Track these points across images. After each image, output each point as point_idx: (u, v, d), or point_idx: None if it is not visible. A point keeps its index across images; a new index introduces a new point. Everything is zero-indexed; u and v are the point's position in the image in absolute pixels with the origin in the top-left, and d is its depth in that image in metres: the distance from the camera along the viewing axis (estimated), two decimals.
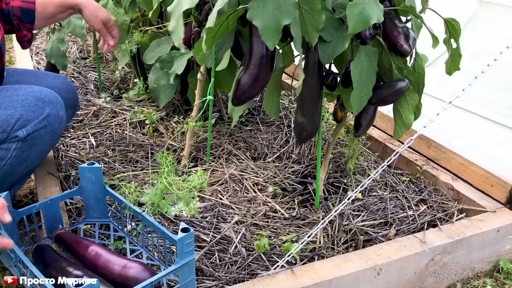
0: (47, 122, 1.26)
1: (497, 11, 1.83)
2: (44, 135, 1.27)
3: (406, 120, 1.30)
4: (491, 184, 1.48)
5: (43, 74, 1.62)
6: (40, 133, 1.26)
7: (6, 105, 1.22)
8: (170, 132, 1.88)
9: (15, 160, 1.25)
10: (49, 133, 1.28)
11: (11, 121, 1.20)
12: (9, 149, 1.23)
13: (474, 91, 1.34)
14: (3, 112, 1.20)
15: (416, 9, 1.30)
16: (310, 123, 1.33)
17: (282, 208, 1.44)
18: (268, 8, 0.99)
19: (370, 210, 1.45)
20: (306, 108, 1.31)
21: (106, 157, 1.68)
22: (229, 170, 1.61)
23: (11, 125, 1.20)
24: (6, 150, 1.23)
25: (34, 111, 1.23)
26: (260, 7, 1.00)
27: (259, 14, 1.00)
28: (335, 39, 1.21)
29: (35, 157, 1.31)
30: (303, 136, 1.36)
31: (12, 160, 1.24)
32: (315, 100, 1.30)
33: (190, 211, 1.09)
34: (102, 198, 1.34)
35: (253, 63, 1.21)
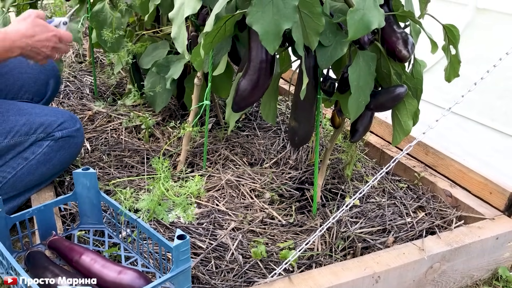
0: (76, 134, 1.46)
1: (494, 17, 1.84)
2: (71, 144, 1.45)
3: (405, 126, 1.29)
4: (489, 191, 1.48)
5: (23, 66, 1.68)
6: (70, 141, 1.45)
7: (51, 113, 1.43)
8: (166, 137, 1.86)
9: (43, 157, 1.41)
10: (74, 144, 1.47)
11: (54, 125, 1.41)
12: (41, 145, 1.40)
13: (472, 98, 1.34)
14: (48, 118, 1.41)
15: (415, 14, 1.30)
16: (303, 128, 1.32)
17: (279, 215, 1.43)
18: (268, 13, 0.98)
19: (368, 217, 1.44)
20: (299, 113, 1.30)
21: (101, 162, 1.66)
22: (225, 176, 1.59)
23: (53, 127, 1.41)
24: (39, 147, 1.40)
25: (70, 123, 1.45)
26: (260, 12, 0.98)
27: (259, 19, 0.98)
28: (333, 44, 1.21)
29: (57, 163, 1.45)
30: (296, 141, 1.35)
31: (40, 156, 1.40)
32: (309, 105, 1.29)
33: (188, 218, 1.07)
34: (96, 204, 1.32)
35: (252, 69, 1.19)
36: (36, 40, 1.27)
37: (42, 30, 1.28)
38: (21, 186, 1.40)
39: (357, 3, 0.99)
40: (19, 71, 1.52)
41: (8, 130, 1.35)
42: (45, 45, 1.29)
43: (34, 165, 1.40)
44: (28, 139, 1.38)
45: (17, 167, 1.38)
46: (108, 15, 1.90)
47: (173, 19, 1.13)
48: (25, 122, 1.37)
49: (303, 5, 1.09)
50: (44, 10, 3.09)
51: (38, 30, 1.27)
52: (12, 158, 1.38)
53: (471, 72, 1.66)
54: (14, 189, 1.39)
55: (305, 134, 1.32)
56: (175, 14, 1.13)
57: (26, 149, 1.39)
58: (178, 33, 1.13)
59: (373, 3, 1.01)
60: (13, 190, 1.39)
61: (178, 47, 1.14)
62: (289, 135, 1.35)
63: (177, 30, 1.12)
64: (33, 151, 1.40)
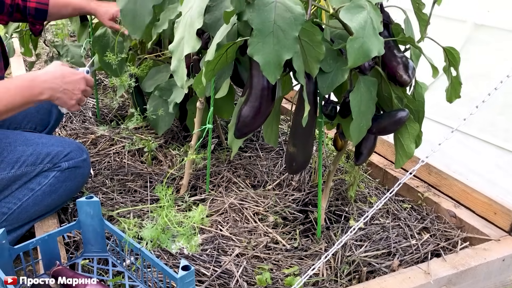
0: (82, 164, 1.45)
1: (492, 34, 1.84)
2: (77, 175, 1.45)
3: (407, 150, 1.29)
4: (494, 212, 1.47)
5: None
6: (76, 171, 1.44)
7: (57, 143, 1.43)
8: (169, 159, 1.86)
9: (49, 188, 1.40)
10: (80, 174, 1.46)
11: (60, 156, 1.41)
12: (48, 176, 1.40)
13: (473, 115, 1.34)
14: (55, 148, 1.41)
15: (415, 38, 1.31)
16: (301, 154, 1.31)
17: (284, 239, 1.42)
18: (268, 44, 0.99)
19: (372, 240, 1.43)
20: (298, 139, 1.30)
21: (104, 187, 1.67)
22: (229, 199, 1.59)
23: (60, 158, 1.41)
24: (45, 177, 1.40)
25: (77, 153, 1.45)
26: (260, 42, 0.99)
27: (260, 49, 0.99)
28: (334, 70, 1.21)
29: (63, 193, 1.45)
30: (294, 168, 1.34)
31: (46, 187, 1.40)
32: (308, 131, 1.29)
33: (192, 249, 1.07)
34: (100, 232, 1.31)
35: (254, 96, 1.20)
36: (67, 82, 1.28)
37: (71, 73, 1.31)
38: (26, 217, 1.41)
39: (356, 31, 0.99)
40: None
41: (15, 160, 1.35)
42: (77, 87, 1.30)
43: (39, 196, 1.40)
44: (34, 169, 1.38)
45: (22, 198, 1.38)
46: (110, 40, 1.92)
47: (172, 51, 1.14)
48: (32, 152, 1.38)
49: (303, 33, 1.10)
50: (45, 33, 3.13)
51: (67, 73, 1.30)
52: (18, 189, 1.38)
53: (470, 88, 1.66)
54: (19, 220, 1.40)
55: (303, 160, 1.32)
56: (175, 47, 1.13)
57: (32, 180, 1.39)
58: (177, 67, 1.13)
59: (373, 31, 1.02)
60: (18, 221, 1.39)
61: (177, 80, 1.14)
62: (286, 160, 1.35)
63: (177, 64, 1.13)
64: (39, 181, 1.40)
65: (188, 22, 1.07)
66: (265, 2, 1.00)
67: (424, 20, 1.32)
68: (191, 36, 1.06)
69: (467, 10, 1.90)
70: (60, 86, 1.27)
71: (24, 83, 1.23)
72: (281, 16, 0.99)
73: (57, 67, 1.30)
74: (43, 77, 1.25)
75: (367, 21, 1.00)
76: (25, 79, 1.25)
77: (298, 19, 0.98)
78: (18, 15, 1.67)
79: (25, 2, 1.64)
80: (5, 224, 1.38)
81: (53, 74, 1.27)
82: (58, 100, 1.29)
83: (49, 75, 1.26)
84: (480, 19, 1.86)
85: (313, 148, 1.32)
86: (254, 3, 0.98)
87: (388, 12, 1.27)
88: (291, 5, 0.99)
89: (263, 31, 0.99)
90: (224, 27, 1.19)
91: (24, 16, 1.67)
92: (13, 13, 1.65)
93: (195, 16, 1.05)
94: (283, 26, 0.99)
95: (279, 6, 1.00)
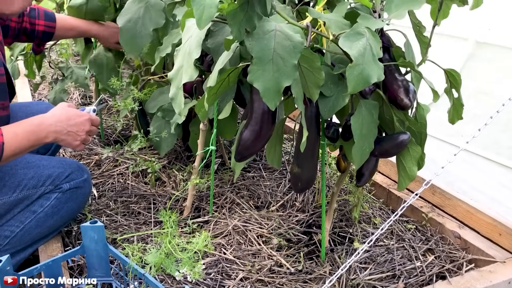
0: (83, 184, 1.47)
1: (494, 51, 1.85)
2: (78, 195, 1.47)
3: (410, 172, 1.29)
4: (499, 233, 1.46)
5: (27, 103, 1.76)
6: (77, 191, 1.46)
7: (58, 165, 1.44)
8: (172, 180, 1.87)
9: (51, 210, 1.41)
10: (82, 194, 1.48)
11: (61, 177, 1.42)
12: (49, 198, 1.42)
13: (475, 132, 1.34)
14: (56, 170, 1.42)
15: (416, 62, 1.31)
16: (306, 174, 1.32)
17: (288, 262, 1.42)
18: (268, 71, 1.00)
19: (377, 262, 1.42)
20: (302, 160, 1.31)
21: (108, 210, 1.67)
22: (232, 221, 1.59)
23: (61, 179, 1.42)
24: (47, 199, 1.41)
25: (78, 173, 1.46)
26: (260, 70, 1.00)
27: (260, 77, 1.00)
28: (335, 94, 1.22)
29: (65, 214, 1.46)
30: (299, 187, 1.35)
31: (48, 209, 1.41)
32: (311, 152, 1.30)
33: (195, 275, 1.07)
34: (104, 257, 1.32)
35: (254, 119, 1.21)
36: (72, 124, 1.33)
37: (76, 115, 1.35)
38: (28, 239, 1.41)
39: (355, 58, 1.00)
40: None
41: (17, 184, 1.37)
42: (81, 129, 1.35)
43: (42, 218, 1.41)
44: (36, 192, 1.39)
45: (25, 221, 1.39)
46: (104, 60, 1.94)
47: (171, 79, 1.15)
48: (33, 175, 1.39)
49: (303, 60, 1.11)
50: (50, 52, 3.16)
51: (72, 115, 1.34)
52: (20, 212, 1.39)
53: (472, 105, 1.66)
54: (22, 243, 1.40)
55: (308, 180, 1.32)
56: (174, 75, 1.15)
57: (34, 202, 1.40)
58: (176, 94, 1.14)
59: (372, 58, 1.02)
60: (21, 243, 1.40)
61: (175, 107, 1.15)
62: (292, 180, 1.36)
63: (175, 91, 1.14)
64: (41, 204, 1.41)
65: (187, 51, 1.09)
66: (265, 31, 1.01)
67: (425, 42, 1.33)
68: (189, 66, 1.08)
69: (469, 28, 1.91)
70: (65, 129, 1.31)
71: (31, 128, 1.27)
72: (281, 44, 1.00)
73: (63, 109, 1.34)
74: (49, 121, 1.30)
75: (366, 48, 1.01)
76: (32, 124, 1.28)
77: (297, 47, 0.99)
78: (24, 37, 1.71)
79: (33, 25, 1.68)
80: (8, 247, 1.39)
81: (59, 117, 1.31)
82: (62, 142, 1.34)
83: (54, 119, 1.31)
84: (481, 37, 1.86)
85: (317, 168, 1.32)
86: (254, 32, 1.00)
87: (389, 35, 1.28)
88: (290, 33, 1.00)
89: (263, 58, 1.00)
90: (226, 54, 1.20)
91: (31, 38, 1.72)
92: (19, 35, 1.69)
93: (193, 45, 1.06)
94: (283, 54, 1.00)
95: (278, 35, 1.01)
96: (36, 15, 1.68)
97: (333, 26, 1.12)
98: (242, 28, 1.00)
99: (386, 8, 1.17)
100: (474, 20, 1.89)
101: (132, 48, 1.48)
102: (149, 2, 1.53)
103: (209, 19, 0.92)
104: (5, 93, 1.32)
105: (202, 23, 0.93)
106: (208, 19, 0.92)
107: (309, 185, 1.36)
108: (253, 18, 0.99)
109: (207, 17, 0.92)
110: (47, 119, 1.30)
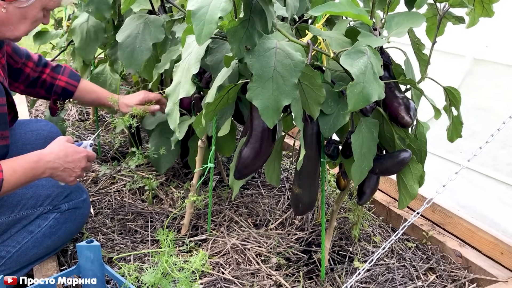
0: (82, 205, 1.46)
1: (491, 68, 1.86)
2: (77, 216, 1.45)
3: (411, 190, 1.28)
4: (500, 252, 1.44)
5: (26, 121, 1.68)
6: (76, 212, 1.45)
7: (57, 185, 1.41)
8: (170, 198, 1.85)
9: (48, 230, 1.40)
10: (80, 215, 1.46)
11: (60, 197, 1.41)
12: (47, 218, 1.40)
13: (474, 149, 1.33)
14: (55, 190, 1.41)
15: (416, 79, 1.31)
16: (307, 195, 1.31)
17: (287, 282, 1.39)
18: (267, 89, 0.99)
19: (378, 282, 1.40)
20: (303, 180, 1.29)
21: (104, 228, 1.65)
22: (230, 239, 1.57)
23: (60, 199, 1.41)
24: (45, 219, 1.40)
25: (77, 194, 1.45)
26: (260, 87, 0.99)
27: (259, 94, 0.99)
28: (335, 112, 1.21)
29: (62, 235, 1.44)
30: (300, 209, 1.33)
31: (46, 229, 1.39)
32: (313, 172, 1.28)
33: None
34: (100, 277, 1.29)
35: (254, 137, 1.20)
36: (69, 161, 1.32)
37: (74, 151, 1.34)
38: (25, 260, 1.38)
39: (356, 76, 0.99)
40: (22, 143, 1.52)
41: (15, 203, 1.34)
42: (77, 165, 1.34)
43: (39, 238, 1.38)
44: (34, 212, 1.37)
45: (22, 241, 1.36)
46: (108, 77, 1.93)
47: (169, 95, 1.14)
48: (32, 195, 1.37)
49: (304, 77, 1.11)
50: None
51: (70, 152, 1.33)
52: (17, 232, 1.36)
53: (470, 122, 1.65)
54: (18, 264, 1.37)
55: (309, 201, 1.31)
56: (172, 90, 1.14)
57: (32, 222, 1.38)
58: (172, 110, 1.14)
59: (373, 76, 1.02)
60: (17, 264, 1.37)
61: (170, 123, 1.14)
62: (292, 202, 1.34)
63: (171, 107, 1.13)
64: (38, 224, 1.39)
65: (185, 67, 1.08)
66: (266, 48, 1.00)
67: (424, 60, 1.33)
68: (187, 81, 1.07)
69: (466, 45, 1.92)
70: (62, 166, 1.31)
71: (29, 164, 1.26)
72: (281, 63, 1.00)
73: (62, 145, 1.33)
74: (47, 158, 1.29)
75: (367, 66, 1.00)
76: (30, 160, 1.27)
77: (298, 66, 0.99)
78: (42, 91, 1.62)
79: (55, 80, 1.60)
80: (4, 268, 1.36)
81: (57, 154, 1.30)
82: (57, 177, 1.33)
83: (53, 156, 1.30)
84: (479, 54, 1.87)
85: (318, 189, 1.31)
86: (255, 50, 0.99)
87: (389, 53, 1.28)
88: (291, 51, 1.00)
89: (263, 76, 0.99)
90: (225, 71, 1.20)
91: (48, 93, 1.62)
92: (35, 87, 1.60)
93: (192, 61, 1.06)
94: (283, 72, 0.99)
95: (279, 52, 1.00)
96: (61, 71, 1.61)
97: (334, 44, 1.12)
98: (242, 46, 0.99)
99: (387, 26, 1.17)
100: (471, 37, 1.90)
101: (131, 63, 1.47)
102: (148, 19, 1.53)
103: (208, 35, 0.92)
104: (5, 124, 1.30)
105: (201, 39, 0.92)
106: (207, 35, 0.92)
107: (311, 207, 1.34)
108: (254, 36, 0.99)
109: (206, 33, 0.92)
110: (45, 156, 1.29)
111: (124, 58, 1.47)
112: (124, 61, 1.47)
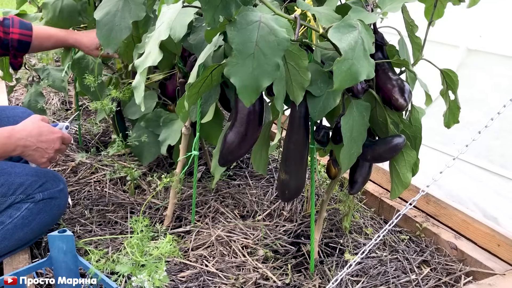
0: (58, 195, 1.36)
1: (485, 59, 1.81)
2: (52, 206, 1.36)
3: (404, 179, 1.21)
4: (497, 243, 1.38)
5: (2, 107, 1.64)
6: (51, 202, 1.35)
7: (32, 173, 1.34)
8: (152, 188, 1.76)
9: (21, 221, 1.31)
10: (56, 206, 1.37)
11: (34, 186, 1.32)
12: (20, 208, 1.31)
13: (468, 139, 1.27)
14: (29, 178, 1.32)
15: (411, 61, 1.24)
16: (294, 181, 1.23)
17: (274, 275, 1.32)
18: (247, 67, 0.90)
19: (370, 275, 1.33)
20: (289, 165, 1.22)
21: (82, 219, 1.56)
22: (215, 231, 1.49)
23: (34, 188, 1.32)
24: (17, 210, 1.31)
25: (53, 183, 1.36)
26: (239, 64, 0.90)
27: (238, 71, 0.90)
28: (325, 94, 1.14)
29: (36, 227, 1.35)
30: (287, 195, 1.26)
31: (18, 220, 1.31)
32: (300, 158, 1.21)
33: (155, 283, 0.96)
34: (74, 270, 1.21)
35: (239, 120, 1.12)
36: (41, 140, 1.26)
37: (48, 131, 1.28)
38: None
39: (345, 52, 0.91)
40: None
41: None
42: (51, 146, 1.28)
43: (10, 230, 1.30)
44: (5, 201, 1.29)
45: None
46: (90, 62, 1.84)
47: (138, 66, 1.05)
48: (3, 183, 1.28)
49: (290, 56, 1.03)
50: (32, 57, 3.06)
51: (44, 131, 1.27)
52: None
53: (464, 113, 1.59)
54: None
55: (296, 188, 1.23)
56: (141, 61, 1.05)
57: (3, 212, 1.29)
58: (139, 83, 1.04)
59: (363, 53, 0.94)
60: None
61: (136, 98, 1.05)
62: (278, 188, 1.26)
63: (139, 80, 1.04)
64: (10, 214, 1.30)
65: (155, 36, 1.00)
66: (248, 21, 0.92)
67: (417, 43, 1.27)
68: (155, 48, 0.99)
69: (460, 35, 1.88)
70: (34, 144, 1.24)
71: (0, 140, 1.20)
72: (264, 39, 0.91)
73: (35, 123, 1.27)
74: (19, 135, 1.23)
75: (357, 42, 0.92)
76: (2, 136, 1.21)
77: (282, 43, 0.90)
78: None
79: (7, 34, 1.58)
80: None
81: (30, 131, 1.24)
82: (29, 157, 1.27)
83: (25, 133, 1.24)
84: (472, 44, 1.83)
85: (306, 175, 1.23)
86: (237, 21, 0.91)
87: (382, 33, 1.21)
88: (276, 27, 0.92)
89: (243, 52, 0.90)
90: (208, 47, 1.12)
91: (6, 49, 1.60)
92: None
93: (163, 28, 0.97)
94: (265, 50, 0.90)
95: (263, 27, 0.92)
96: (11, 23, 1.58)
97: (323, 19, 1.05)
98: (217, 15, 0.91)
99: (380, 2, 1.09)
100: (465, 27, 1.85)
101: (109, 42, 1.38)
102: None
103: None
104: None
105: None
106: None
107: (297, 193, 1.27)
108: (231, 5, 0.91)
109: None
110: (17, 132, 1.23)
111: (102, 37, 1.37)
112: (102, 40, 1.38)
